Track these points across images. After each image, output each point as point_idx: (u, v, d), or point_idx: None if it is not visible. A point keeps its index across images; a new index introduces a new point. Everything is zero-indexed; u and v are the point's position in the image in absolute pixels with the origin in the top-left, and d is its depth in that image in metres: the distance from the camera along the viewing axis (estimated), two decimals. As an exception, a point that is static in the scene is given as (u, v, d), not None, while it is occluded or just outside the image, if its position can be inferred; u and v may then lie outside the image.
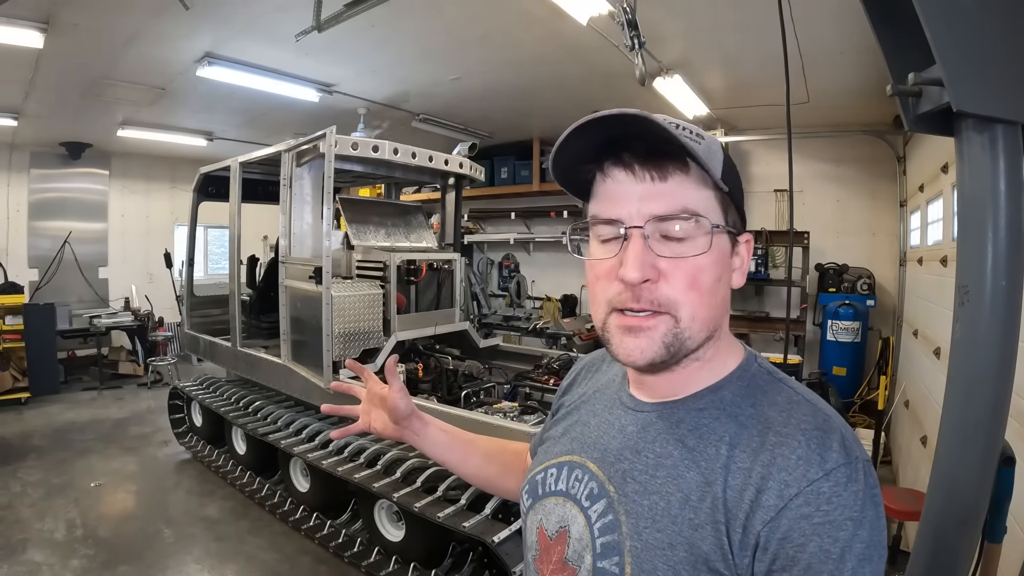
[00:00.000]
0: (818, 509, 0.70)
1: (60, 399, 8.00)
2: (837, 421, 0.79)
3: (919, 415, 5.06)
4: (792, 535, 0.71)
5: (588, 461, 0.95)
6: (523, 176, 9.20)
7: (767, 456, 0.76)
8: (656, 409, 0.91)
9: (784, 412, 0.80)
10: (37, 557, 4.07)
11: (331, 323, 4.04)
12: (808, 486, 0.72)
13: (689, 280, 0.81)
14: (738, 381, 0.87)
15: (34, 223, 9.21)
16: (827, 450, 0.74)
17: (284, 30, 4.56)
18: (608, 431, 0.96)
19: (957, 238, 1.37)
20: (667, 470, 0.84)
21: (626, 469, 0.88)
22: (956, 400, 1.39)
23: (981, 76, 1.24)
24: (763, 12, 4.24)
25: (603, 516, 0.87)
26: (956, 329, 1.37)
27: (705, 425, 0.84)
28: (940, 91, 1.26)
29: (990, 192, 1.26)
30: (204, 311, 6.77)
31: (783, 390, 0.85)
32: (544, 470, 1.02)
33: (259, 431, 4.73)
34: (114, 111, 7.23)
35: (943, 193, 4.58)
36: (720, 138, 6.98)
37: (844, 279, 7.10)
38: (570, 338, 7.14)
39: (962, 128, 1.30)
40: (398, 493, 3.54)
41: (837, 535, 0.69)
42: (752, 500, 0.74)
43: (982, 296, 1.29)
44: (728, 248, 0.86)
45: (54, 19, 4.44)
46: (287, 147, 4.60)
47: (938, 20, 1.23)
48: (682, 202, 0.81)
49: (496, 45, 5.20)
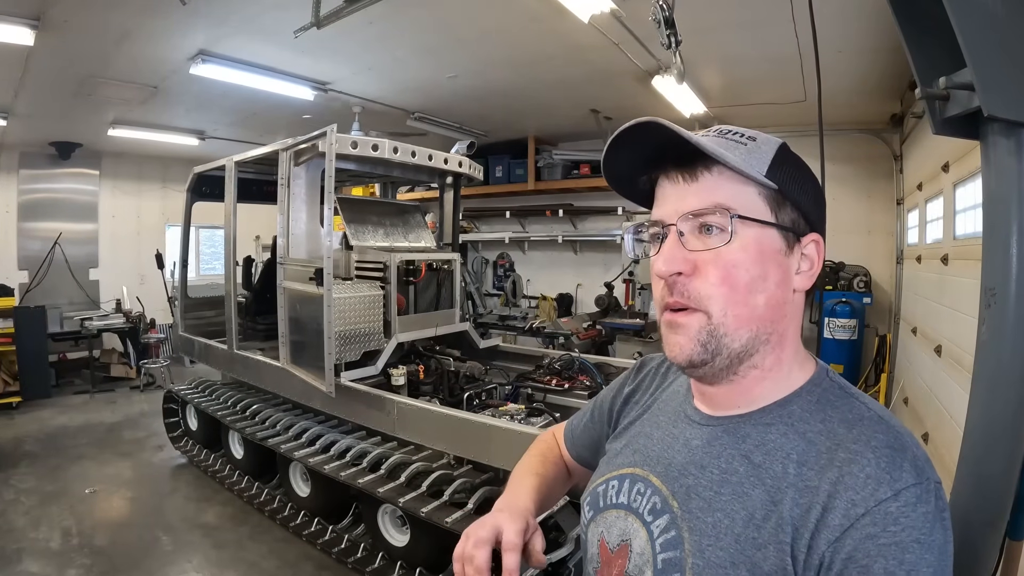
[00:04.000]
0: (885, 529, 0.69)
1: (52, 403, 7.88)
2: (910, 440, 0.77)
3: (919, 412, 5.08)
4: (857, 555, 0.69)
5: (651, 475, 0.94)
6: (518, 175, 9.16)
7: (835, 474, 0.75)
8: (722, 423, 0.90)
9: (855, 429, 0.79)
10: (33, 567, 3.99)
11: (332, 325, 3.99)
12: (876, 506, 0.70)
13: (721, 275, 0.82)
14: (808, 396, 0.86)
15: (24, 224, 9.07)
16: (898, 469, 0.72)
17: (281, 27, 4.50)
18: (672, 445, 0.95)
19: (983, 241, 1.38)
20: (732, 487, 0.83)
21: (690, 485, 0.87)
22: (982, 400, 1.40)
23: (1011, 81, 1.25)
24: (763, 11, 4.25)
25: (666, 532, 0.87)
26: (982, 331, 1.37)
27: (772, 441, 0.83)
28: (969, 95, 1.28)
29: (1016, 195, 1.28)
30: (197, 313, 6.68)
31: (855, 406, 0.83)
32: (606, 482, 1.01)
33: (258, 435, 4.66)
34: (105, 110, 7.12)
35: (943, 192, 4.59)
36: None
37: (841, 277, 7.12)
38: (568, 337, 7.11)
39: (989, 132, 1.32)
40: (404, 498, 3.49)
41: (903, 557, 0.68)
42: (818, 519, 0.73)
43: (1007, 298, 1.30)
44: (778, 246, 0.85)
45: (45, 16, 4.35)
46: (284, 146, 4.53)
47: (970, 25, 1.24)
48: (714, 198, 0.83)
49: (495, 43, 5.16)
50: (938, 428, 4.29)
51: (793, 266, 0.86)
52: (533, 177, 9.00)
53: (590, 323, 7.69)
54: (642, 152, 0.88)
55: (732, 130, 0.88)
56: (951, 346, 4.09)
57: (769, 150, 0.86)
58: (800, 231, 0.87)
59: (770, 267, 0.84)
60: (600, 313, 8.18)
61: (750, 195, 0.83)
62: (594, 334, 7.39)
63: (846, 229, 7.37)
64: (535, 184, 9.01)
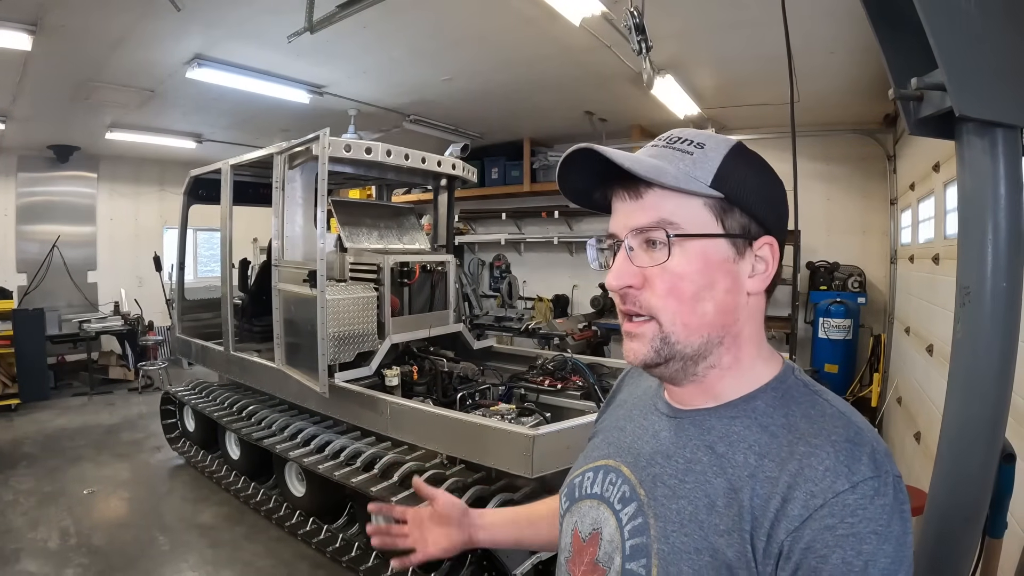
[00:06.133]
0: (843, 521, 0.71)
1: (50, 405, 7.92)
2: (870, 435, 0.79)
3: (912, 412, 5.09)
4: (815, 545, 0.71)
5: (622, 465, 0.98)
6: (514, 176, 9.18)
7: (795, 466, 0.76)
8: (689, 416, 0.92)
9: (815, 424, 0.81)
10: (31, 567, 4.03)
11: (326, 327, 4.02)
12: (834, 497, 0.72)
13: (667, 287, 0.85)
14: (773, 392, 0.88)
15: (22, 227, 9.11)
16: (856, 462, 0.74)
17: (275, 32, 4.52)
18: (642, 436, 0.99)
19: (958, 240, 1.38)
20: (695, 475, 0.85)
21: (656, 473, 0.90)
22: (958, 399, 1.41)
23: (983, 81, 1.25)
24: (756, 12, 4.27)
25: (633, 519, 0.90)
26: (957, 329, 1.38)
27: (735, 433, 0.85)
28: (942, 95, 1.28)
29: (990, 195, 1.28)
30: (195, 315, 6.73)
31: (818, 402, 0.85)
32: (582, 474, 1.05)
33: (254, 436, 4.69)
34: (102, 114, 7.15)
35: (935, 191, 4.60)
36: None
37: (835, 277, 7.14)
38: (563, 338, 7.14)
39: (963, 132, 1.32)
40: (396, 497, 3.52)
41: (861, 548, 0.69)
42: (777, 509, 0.75)
43: (983, 297, 1.31)
44: (726, 254, 0.86)
45: (42, 21, 4.38)
46: (279, 149, 4.57)
47: (941, 25, 1.24)
48: (658, 214, 0.85)
49: (488, 46, 5.19)
50: (930, 427, 4.30)
51: (745, 270, 0.88)
52: (528, 179, 9.01)
53: (585, 324, 7.73)
54: (592, 170, 0.91)
55: (681, 137, 0.89)
56: (943, 345, 4.10)
57: (717, 156, 0.86)
58: (752, 235, 0.87)
59: (717, 276, 0.86)
60: (595, 314, 8.21)
61: (694, 207, 0.85)
62: (589, 335, 7.42)
63: (841, 229, 7.41)
64: (531, 186, 9.02)
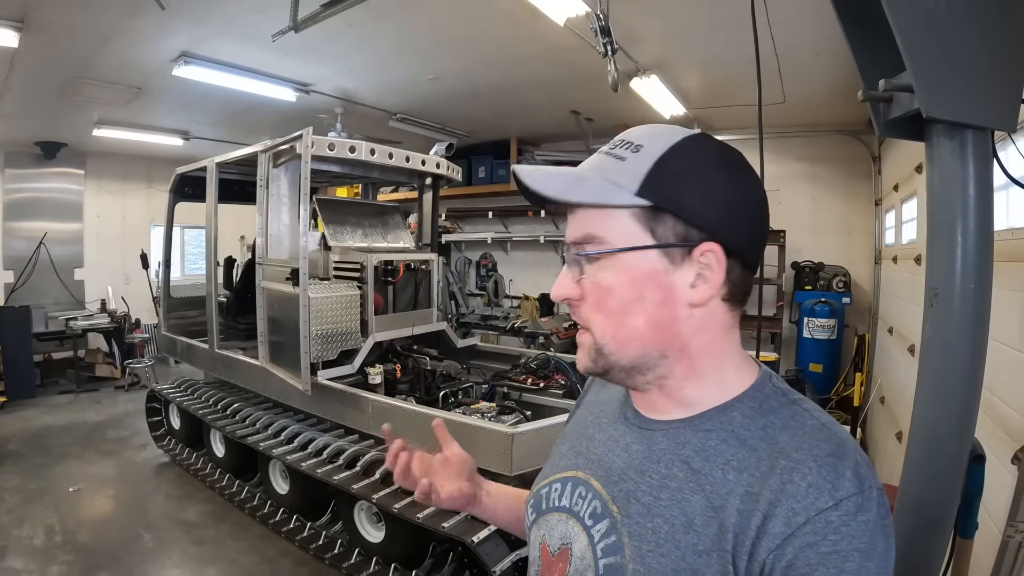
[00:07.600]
0: (825, 538, 0.69)
1: (37, 403, 7.89)
2: (852, 447, 0.77)
3: (895, 411, 5.14)
4: (797, 564, 0.69)
5: (592, 478, 0.93)
6: (500, 175, 9.16)
7: (776, 482, 0.74)
8: (662, 428, 0.88)
9: (796, 436, 0.78)
10: (16, 564, 4.04)
11: (309, 325, 4.03)
12: (817, 515, 0.70)
13: (595, 302, 0.86)
14: (750, 402, 0.84)
15: (9, 224, 9.07)
16: (840, 479, 0.72)
17: (261, 30, 4.52)
18: (613, 448, 0.94)
19: (927, 241, 1.38)
20: (671, 492, 0.81)
21: (630, 490, 0.86)
22: (927, 400, 1.41)
23: (951, 82, 1.25)
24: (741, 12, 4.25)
25: (606, 537, 0.85)
26: (926, 330, 1.39)
27: (711, 447, 0.82)
28: (911, 97, 1.28)
29: (959, 196, 1.29)
30: (181, 312, 6.73)
31: (797, 412, 0.82)
32: (549, 484, 1.01)
33: (238, 433, 4.71)
34: (89, 110, 7.13)
35: (917, 193, 4.65)
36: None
37: (820, 277, 7.18)
38: (548, 337, 7.16)
39: (932, 133, 1.32)
40: (378, 494, 3.55)
41: (843, 566, 0.68)
42: (759, 526, 0.73)
43: (951, 298, 1.31)
44: (656, 266, 0.82)
45: (29, 18, 4.38)
46: (264, 148, 4.58)
47: (909, 26, 1.24)
48: (585, 228, 0.85)
49: (474, 46, 5.20)
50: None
51: (683, 281, 0.82)
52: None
53: (570, 323, 7.75)
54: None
55: (624, 140, 0.85)
56: (922, 346, 4.15)
57: (649, 160, 0.81)
58: (691, 242, 0.81)
59: (646, 288, 0.82)
60: (581, 313, 8.22)
61: (620, 219, 0.82)
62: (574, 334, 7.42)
63: (826, 230, 7.45)
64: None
